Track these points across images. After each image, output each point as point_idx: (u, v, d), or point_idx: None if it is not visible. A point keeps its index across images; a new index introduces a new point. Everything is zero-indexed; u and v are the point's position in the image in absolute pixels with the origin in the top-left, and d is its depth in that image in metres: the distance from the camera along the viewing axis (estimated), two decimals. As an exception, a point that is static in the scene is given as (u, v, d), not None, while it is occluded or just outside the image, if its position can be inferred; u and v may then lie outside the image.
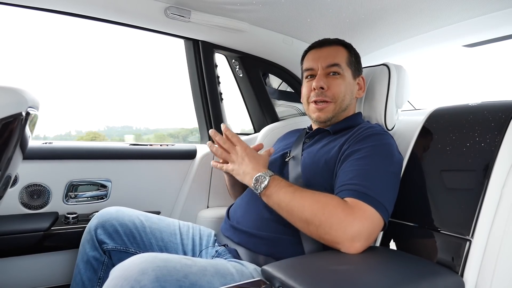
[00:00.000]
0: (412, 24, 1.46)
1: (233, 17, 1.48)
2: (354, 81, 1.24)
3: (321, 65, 1.20)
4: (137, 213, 1.19)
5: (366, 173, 0.94)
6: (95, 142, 1.67)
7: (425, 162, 1.02)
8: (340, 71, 1.19)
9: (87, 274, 1.11)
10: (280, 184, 0.97)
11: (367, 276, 0.74)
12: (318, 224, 0.87)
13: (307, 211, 0.89)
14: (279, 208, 0.95)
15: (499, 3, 1.24)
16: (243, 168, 1.05)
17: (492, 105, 0.96)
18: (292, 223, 0.94)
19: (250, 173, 1.02)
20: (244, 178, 1.05)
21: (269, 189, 0.97)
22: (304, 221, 0.90)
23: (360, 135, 1.07)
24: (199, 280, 0.81)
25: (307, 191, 0.95)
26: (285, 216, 0.95)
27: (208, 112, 1.72)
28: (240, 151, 1.07)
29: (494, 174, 0.84)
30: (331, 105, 1.19)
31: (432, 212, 0.93)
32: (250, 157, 1.06)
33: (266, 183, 0.97)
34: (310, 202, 0.90)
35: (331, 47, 1.24)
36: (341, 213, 0.86)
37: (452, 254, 0.84)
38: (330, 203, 0.89)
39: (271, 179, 0.98)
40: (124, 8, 1.34)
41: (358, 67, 1.27)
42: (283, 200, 0.94)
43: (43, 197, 1.37)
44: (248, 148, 1.09)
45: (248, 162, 1.05)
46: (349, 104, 1.23)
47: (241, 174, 1.05)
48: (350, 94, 1.22)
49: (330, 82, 1.19)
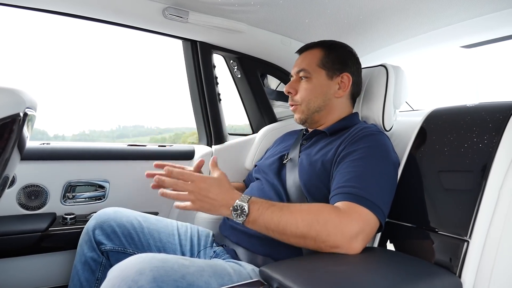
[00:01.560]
0: (410, 25, 1.46)
1: (231, 18, 1.48)
2: (331, 80, 1.22)
3: (294, 71, 1.27)
4: (135, 213, 1.19)
5: (361, 175, 0.94)
6: (93, 142, 1.66)
7: (423, 163, 1.02)
8: (309, 75, 1.22)
9: (85, 275, 1.10)
10: (262, 206, 0.90)
11: (365, 277, 0.74)
12: (315, 235, 0.85)
13: (301, 225, 0.85)
14: (268, 230, 0.89)
15: (497, 4, 1.24)
16: (212, 203, 0.90)
17: (490, 106, 0.97)
18: (286, 241, 0.89)
19: (224, 205, 0.90)
20: (219, 212, 0.92)
21: (252, 215, 0.88)
22: (299, 236, 0.86)
23: (355, 136, 1.07)
24: (197, 281, 0.81)
25: (293, 205, 0.91)
26: (277, 237, 0.89)
27: (206, 113, 1.72)
28: (199, 185, 0.90)
29: (492, 175, 0.84)
30: (299, 107, 1.24)
31: (430, 212, 0.93)
32: (214, 186, 0.92)
33: (246, 209, 0.88)
34: (302, 215, 0.87)
35: (307, 52, 1.28)
36: (336, 218, 0.85)
37: (449, 255, 0.84)
38: (323, 210, 0.88)
39: (250, 204, 0.89)
40: (122, 9, 1.34)
41: (340, 66, 1.23)
42: (271, 222, 0.88)
43: (40, 198, 1.37)
44: (205, 178, 0.93)
45: (215, 194, 0.91)
46: (325, 105, 1.22)
47: (212, 209, 0.91)
48: (322, 94, 1.22)
49: (298, 86, 1.25)
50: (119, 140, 2.55)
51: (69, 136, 2.17)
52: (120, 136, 2.60)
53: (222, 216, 1.21)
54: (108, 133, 2.50)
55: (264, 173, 1.23)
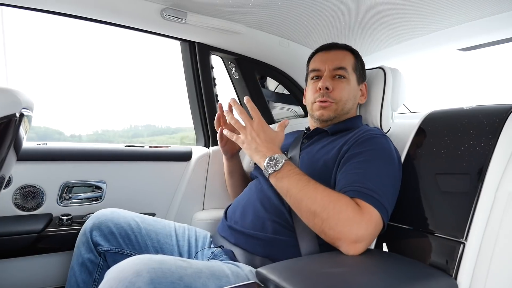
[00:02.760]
0: (407, 27, 1.47)
1: (229, 19, 1.49)
2: (358, 86, 1.26)
3: (328, 67, 1.22)
4: (133, 214, 1.19)
5: (370, 176, 0.95)
6: (90, 143, 1.66)
7: (420, 165, 1.03)
8: (346, 75, 1.21)
9: (82, 276, 1.10)
10: (294, 170, 0.95)
11: (361, 279, 0.74)
12: (325, 217, 0.86)
13: (318, 203, 0.87)
14: (287, 194, 0.93)
15: (494, 7, 1.25)
16: (255, 144, 1.00)
17: (487, 108, 0.97)
18: (297, 211, 0.93)
19: (263, 152, 0.98)
20: (254, 155, 1.00)
21: (281, 172, 0.94)
22: (312, 212, 0.88)
23: (360, 138, 1.07)
24: (194, 282, 0.81)
25: (320, 184, 0.93)
26: (291, 202, 0.93)
27: (204, 114, 1.72)
28: (257, 126, 1.02)
29: (488, 178, 0.85)
30: (334, 105, 1.21)
31: (426, 215, 0.94)
32: (267, 134, 1.02)
33: (280, 166, 0.94)
34: (322, 195, 0.89)
35: (338, 51, 1.26)
36: (351, 211, 0.86)
37: (446, 257, 0.84)
38: (341, 200, 0.88)
39: (285, 163, 0.95)
40: (120, 10, 1.34)
41: (363, 74, 1.29)
42: (295, 187, 0.91)
43: (37, 199, 1.36)
44: (265, 125, 1.04)
45: (263, 139, 1.00)
46: (351, 108, 1.25)
47: (252, 149, 1.00)
48: (353, 98, 1.24)
49: (335, 84, 1.21)
50: (135, 139, 2.62)
51: (84, 136, 2.21)
52: (135, 135, 2.65)
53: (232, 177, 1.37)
54: (122, 133, 2.53)
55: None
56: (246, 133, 1.02)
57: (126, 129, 2.54)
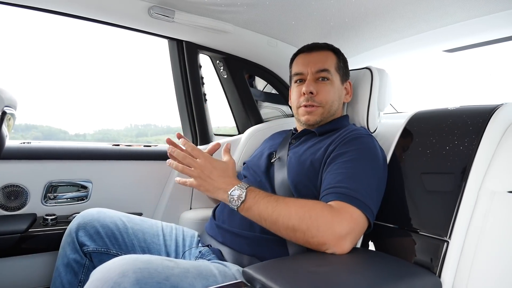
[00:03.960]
0: (394, 28, 1.48)
1: (217, 18, 1.48)
2: (342, 86, 1.27)
3: (310, 70, 1.22)
4: (119, 214, 1.18)
5: (353, 176, 0.95)
6: (75, 142, 1.64)
7: (405, 165, 1.04)
8: (329, 77, 1.21)
9: (67, 277, 1.09)
10: (259, 195, 0.93)
11: (346, 277, 0.75)
12: (305, 228, 0.86)
13: (293, 218, 0.87)
14: (261, 219, 0.92)
15: (478, 10, 1.27)
16: (211, 183, 0.97)
17: (471, 109, 0.99)
18: (276, 232, 0.91)
19: (223, 188, 0.96)
20: (215, 194, 0.97)
21: (247, 202, 0.92)
22: (290, 228, 0.88)
23: (346, 138, 1.08)
24: (181, 282, 0.80)
25: (289, 198, 0.93)
26: (268, 226, 0.92)
27: (192, 113, 1.71)
28: (205, 164, 0.98)
29: (471, 177, 0.86)
30: (320, 109, 1.21)
31: (411, 213, 0.95)
32: (218, 169, 0.99)
33: (244, 196, 0.93)
34: (295, 208, 0.89)
35: (320, 52, 1.25)
36: (328, 214, 0.87)
37: (430, 255, 0.86)
38: (316, 206, 0.89)
39: (248, 192, 0.93)
40: (106, 7, 1.32)
41: (346, 72, 1.29)
42: (265, 211, 0.90)
43: (20, 198, 1.33)
44: (213, 160, 1.01)
45: (217, 176, 0.98)
46: (337, 109, 1.26)
47: (210, 190, 0.97)
48: (338, 99, 1.24)
49: (319, 88, 1.20)
50: (141, 139, 2.64)
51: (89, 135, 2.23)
52: (139, 135, 2.66)
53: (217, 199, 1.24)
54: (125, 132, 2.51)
55: (252, 171, 1.23)
56: (197, 176, 0.98)
57: (128, 128, 2.55)
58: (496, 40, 1.50)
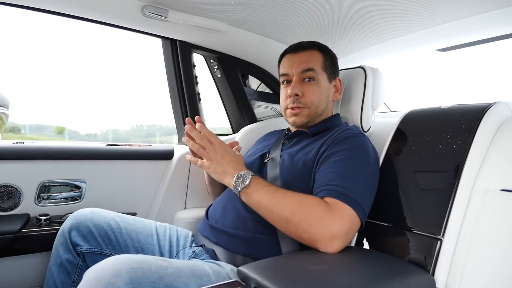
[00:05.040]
0: (387, 27, 1.49)
1: (211, 17, 1.48)
2: (330, 84, 1.25)
3: (295, 71, 1.21)
4: (113, 214, 1.17)
5: (345, 175, 0.96)
6: (69, 141, 1.63)
7: (399, 163, 1.04)
8: (315, 76, 1.20)
9: (60, 277, 1.08)
10: (261, 183, 0.98)
11: (340, 276, 0.75)
12: (297, 222, 0.88)
13: (287, 210, 0.90)
14: (259, 207, 0.96)
15: (470, 9, 1.28)
16: (222, 167, 1.05)
17: (463, 107, 1.00)
18: (271, 222, 0.95)
19: (230, 172, 1.03)
20: (222, 177, 1.05)
21: (250, 188, 0.98)
22: (284, 219, 0.90)
23: (338, 137, 1.08)
24: (175, 282, 0.80)
25: (287, 191, 0.95)
26: (264, 215, 0.95)
27: (185, 113, 1.71)
28: (220, 149, 1.07)
29: (464, 175, 0.87)
30: (306, 110, 1.21)
31: (405, 212, 0.95)
32: (231, 156, 1.07)
33: (247, 182, 0.98)
34: (290, 201, 0.91)
35: (305, 52, 1.23)
36: (320, 211, 0.87)
37: (424, 253, 0.86)
38: (310, 202, 0.90)
39: (253, 178, 0.99)
40: (100, 6, 1.32)
41: (334, 70, 1.27)
42: (264, 199, 0.95)
43: (13, 199, 1.32)
44: (228, 147, 1.10)
45: (229, 161, 1.05)
46: (325, 109, 1.24)
47: (219, 172, 1.05)
48: (325, 99, 1.23)
49: (305, 89, 1.20)
50: (150, 139, 2.70)
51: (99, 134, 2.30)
52: (148, 135, 2.73)
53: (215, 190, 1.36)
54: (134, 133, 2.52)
55: None
56: (210, 158, 1.07)
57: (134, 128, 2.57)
58: (489, 39, 1.51)
